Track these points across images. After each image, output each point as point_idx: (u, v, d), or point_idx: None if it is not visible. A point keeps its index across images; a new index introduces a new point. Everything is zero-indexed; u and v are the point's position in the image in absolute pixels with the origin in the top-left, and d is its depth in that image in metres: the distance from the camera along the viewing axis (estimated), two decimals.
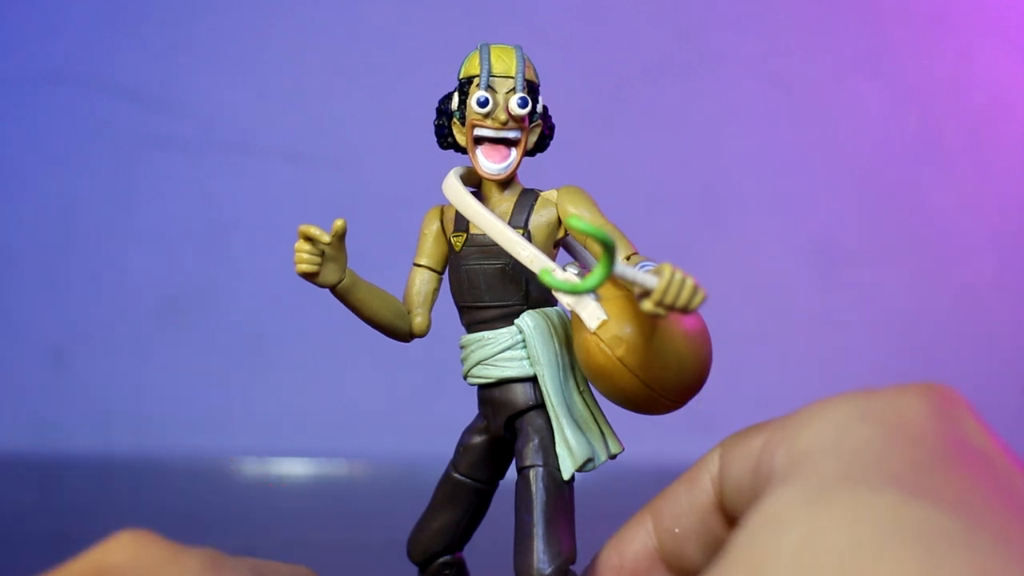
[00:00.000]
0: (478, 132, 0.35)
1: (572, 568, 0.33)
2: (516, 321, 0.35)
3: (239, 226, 0.86)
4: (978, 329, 0.89)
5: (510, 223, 0.35)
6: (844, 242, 0.89)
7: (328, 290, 0.35)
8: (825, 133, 0.89)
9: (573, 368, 0.35)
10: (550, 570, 0.32)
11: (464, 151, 0.36)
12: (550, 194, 0.36)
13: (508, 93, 0.34)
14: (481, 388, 0.36)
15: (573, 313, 0.32)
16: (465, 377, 0.36)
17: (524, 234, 0.35)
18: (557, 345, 0.35)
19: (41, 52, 0.87)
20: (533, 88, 0.35)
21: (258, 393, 0.85)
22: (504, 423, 0.35)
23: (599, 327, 0.31)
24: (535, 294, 0.35)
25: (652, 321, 0.31)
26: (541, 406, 0.35)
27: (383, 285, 0.37)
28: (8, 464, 0.81)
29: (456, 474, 0.37)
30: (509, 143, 0.35)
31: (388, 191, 0.84)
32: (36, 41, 0.87)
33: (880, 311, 0.89)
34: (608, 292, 0.32)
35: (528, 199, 0.35)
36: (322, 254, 0.34)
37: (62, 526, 0.69)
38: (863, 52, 0.89)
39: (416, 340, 0.37)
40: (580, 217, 0.34)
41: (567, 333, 0.35)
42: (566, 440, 0.34)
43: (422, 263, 0.37)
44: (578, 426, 0.34)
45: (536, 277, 0.34)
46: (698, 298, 0.29)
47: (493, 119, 0.34)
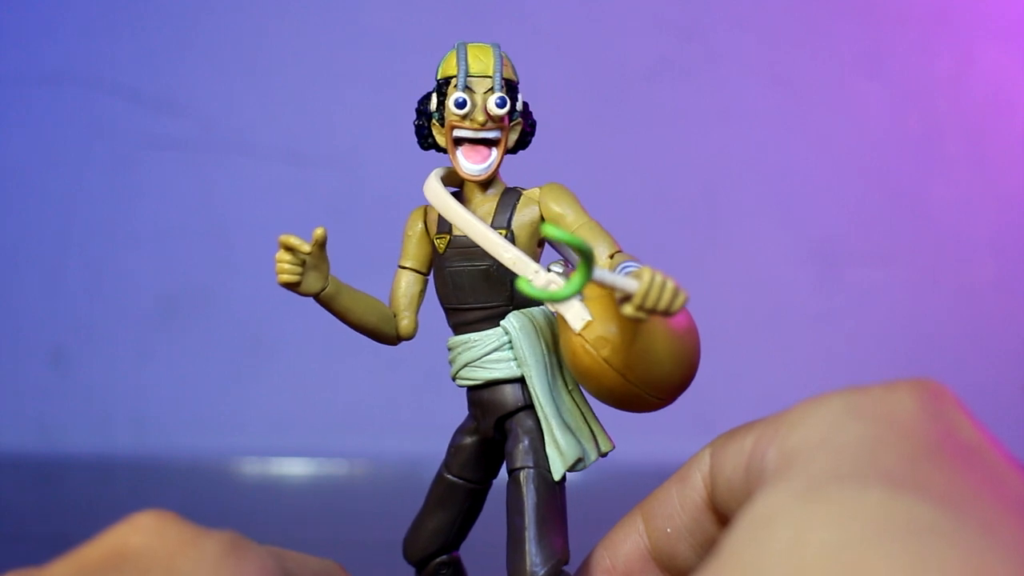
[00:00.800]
0: (457, 133, 0.35)
1: (565, 569, 0.33)
2: (502, 322, 0.35)
3: (239, 226, 0.86)
4: (978, 329, 0.89)
5: (493, 223, 0.35)
6: (844, 242, 0.89)
7: (311, 298, 0.34)
8: (825, 133, 0.89)
9: (561, 368, 0.35)
10: (543, 572, 0.32)
11: (445, 151, 0.36)
12: (532, 192, 0.35)
13: (486, 93, 0.34)
14: (470, 389, 0.36)
15: (558, 314, 0.32)
16: (454, 379, 0.36)
17: (507, 234, 0.34)
18: (544, 346, 0.35)
19: (41, 52, 0.87)
20: (512, 86, 0.35)
21: (258, 393, 0.85)
22: (494, 424, 0.35)
23: (584, 328, 0.31)
24: (520, 295, 0.35)
25: (645, 322, 0.31)
26: (530, 407, 0.35)
27: (382, 285, 0.37)
28: (8, 464, 0.81)
29: (448, 475, 0.37)
30: (489, 143, 0.35)
31: (388, 191, 0.84)
32: (36, 41, 0.87)
33: (880, 311, 0.89)
34: (592, 292, 0.32)
35: (511, 198, 0.35)
36: (303, 263, 0.34)
37: (62, 526, 0.69)
38: (863, 52, 0.89)
39: (416, 340, 0.37)
40: (557, 219, 0.34)
41: (554, 333, 0.35)
42: (555, 441, 0.34)
43: (407, 265, 0.37)
44: (567, 426, 0.34)
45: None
46: (679, 300, 0.29)
47: (472, 120, 0.34)
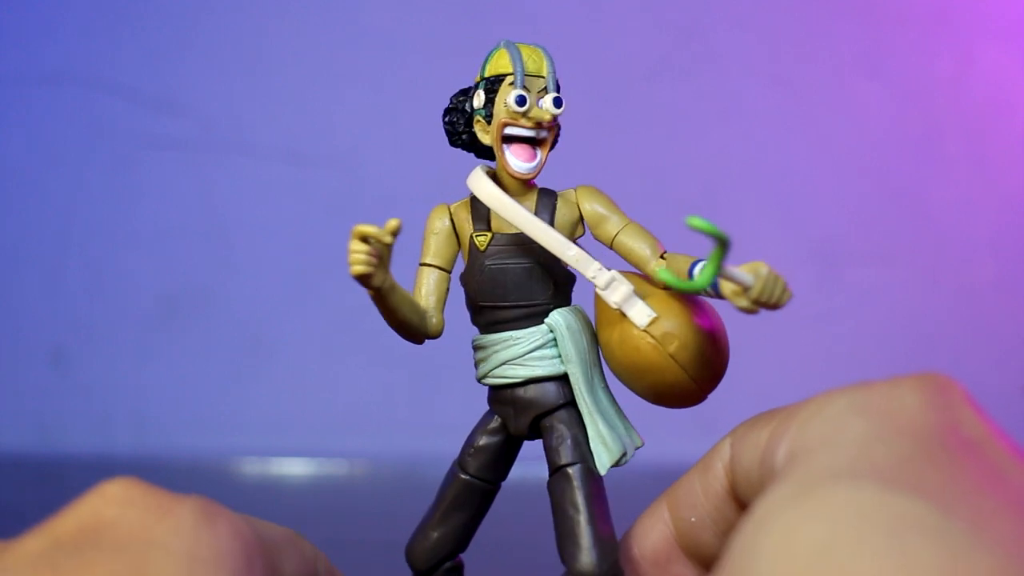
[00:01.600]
0: (510, 131, 0.34)
1: None
2: (547, 320, 0.35)
3: (239, 226, 0.86)
4: (978, 329, 0.89)
5: None
6: (844, 242, 0.89)
7: (370, 292, 0.33)
8: (825, 133, 0.89)
9: (596, 365, 0.35)
10: (605, 567, 0.32)
11: (476, 150, 0.36)
12: (568, 194, 0.36)
13: (540, 93, 0.34)
14: (500, 389, 0.35)
15: (602, 311, 0.33)
16: (482, 378, 0.36)
17: None
18: (585, 343, 0.35)
19: (41, 52, 0.87)
20: (559, 89, 0.35)
21: (258, 393, 0.85)
22: (530, 423, 0.35)
23: (650, 324, 0.32)
24: (561, 292, 0.35)
25: (697, 318, 0.32)
26: (569, 404, 0.35)
27: None
28: (8, 464, 0.81)
29: (465, 476, 0.36)
30: (536, 143, 0.35)
31: (388, 191, 0.84)
32: (36, 41, 0.87)
33: (880, 311, 0.89)
34: (649, 289, 0.33)
35: (548, 199, 0.35)
36: (378, 255, 0.32)
37: None
38: (863, 52, 0.89)
39: (424, 342, 0.36)
40: (600, 225, 0.35)
41: (591, 330, 0.35)
42: (601, 436, 0.34)
43: (433, 263, 0.36)
44: (608, 422, 0.34)
45: (564, 275, 0.35)
46: (787, 296, 0.30)
47: (528, 118, 0.34)
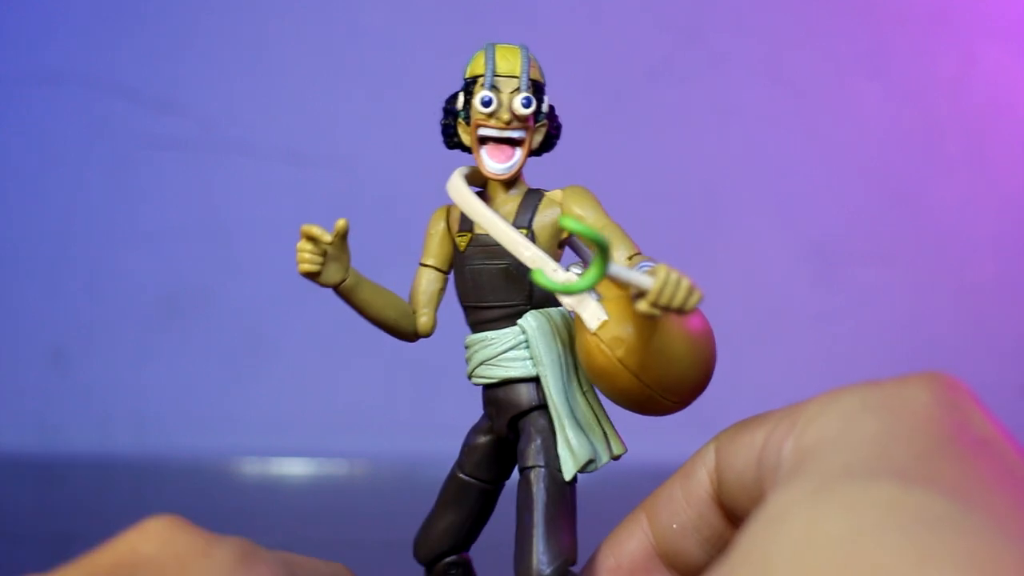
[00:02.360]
0: (482, 132, 0.35)
1: (572, 569, 0.33)
2: (519, 321, 0.35)
3: (239, 226, 0.86)
4: (978, 329, 0.89)
5: (514, 223, 0.35)
6: (844, 242, 0.89)
7: (332, 290, 0.35)
8: (826, 133, 0.89)
9: (576, 368, 0.35)
10: (550, 571, 0.32)
11: (470, 151, 0.36)
12: (555, 194, 0.36)
13: (512, 93, 0.34)
14: (485, 388, 0.36)
15: (575, 313, 0.32)
16: (469, 377, 0.36)
17: (528, 234, 0.34)
18: (560, 346, 0.35)
19: (41, 52, 0.87)
20: (538, 88, 0.35)
21: (258, 393, 0.85)
22: (508, 423, 0.35)
23: (599, 327, 0.31)
24: (539, 294, 0.35)
25: (653, 321, 0.31)
26: (544, 406, 0.35)
27: (383, 285, 0.37)
28: (8, 464, 0.81)
29: (461, 474, 0.37)
30: (514, 143, 0.35)
31: (388, 191, 0.84)
32: (36, 41, 0.87)
33: (880, 311, 0.89)
34: (609, 292, 0.32)
35: (533, 199, 0.35)
36: (324, 254, 0.34)
37: (62, 526, 0.69)
38: (863, 52, 0.89)
39: (418, 340, 0.37)
40: (578, 218, 0.34)
41: (570, 334, 0.35)
42: (568, 441, 0.34)
43: (428, 263, 0.37)
44: (580, 427, 0.34)
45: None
46: (694, 298, 0.29)
47: (497, 119, 0.34)
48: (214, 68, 0.87)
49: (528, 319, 0.35)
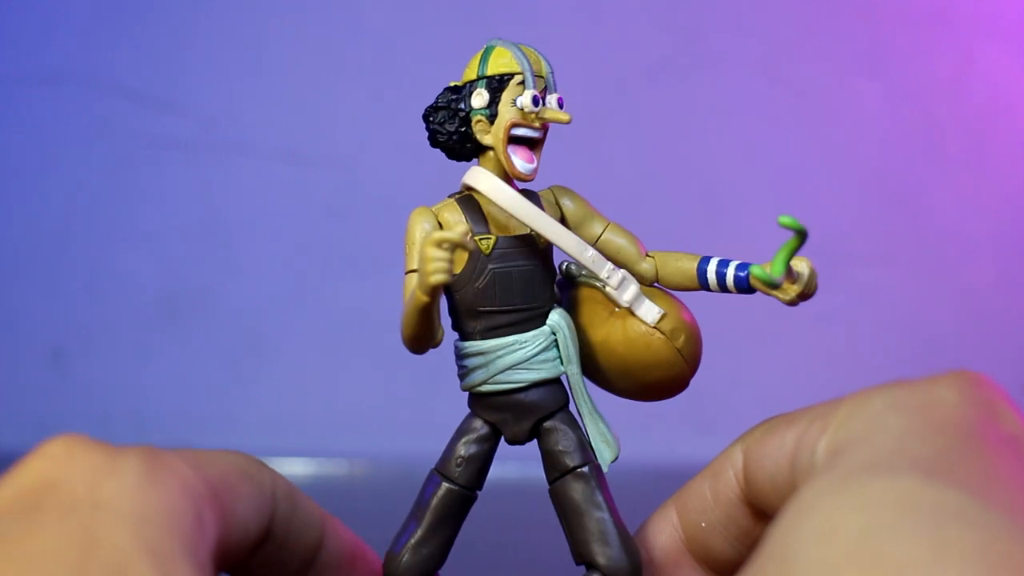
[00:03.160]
0: (517, 131, 0.34)
1: None
2: (549, 321, 0.34)
3: (239, 226, 0.86)
4: (978, 329, 0.89)
5: None
6: (844, 242, 0.89)
7: (425, 301, 0.31)
8: (826, 133, 0.89)
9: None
10: (637, 561, 0.33)
11: (455, 152, 0.35)
12: (547, 194, 0.35)
13: (542, 93, 0.34)
14: (498, 395, 0.34)
15: (592, 311, 0.34)
16: (478, 386, 0.34)
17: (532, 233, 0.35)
18: (578, 343, 0.35)
19: (41, 52, 0.87)
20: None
21: (258, 393, 0.85)
22: (531, 427, 0.34)
23: (660, 320, 0.33)
24: (554, 294, 0.35)
25: (685, 313, 0.34)
26: (566, 405, 0.35)
27: (383, 286, 0.37)
28: (8, 464, 0.80)
29: (456, 486, 0.35)
30: (533, 143, 0.34)
31: (388, 191, 0.84)
32: (36, 41, 0.87)
33: (880, 311, 0.89)
34: (643, 288, 0.34)
35: (532, 200, 0.35)
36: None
37: None
38: (863, 52, 0.89)
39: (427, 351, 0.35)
40: (586, 224, 0.35)
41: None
42: (603, 433, 0.35)
43: None
44: (604, 419, 0.35)
45: (567, 275, 0.36)
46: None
47: (539, 118, 0.34)
48: (214, 68, 0.87)
49: (556, 318, 0.34)
